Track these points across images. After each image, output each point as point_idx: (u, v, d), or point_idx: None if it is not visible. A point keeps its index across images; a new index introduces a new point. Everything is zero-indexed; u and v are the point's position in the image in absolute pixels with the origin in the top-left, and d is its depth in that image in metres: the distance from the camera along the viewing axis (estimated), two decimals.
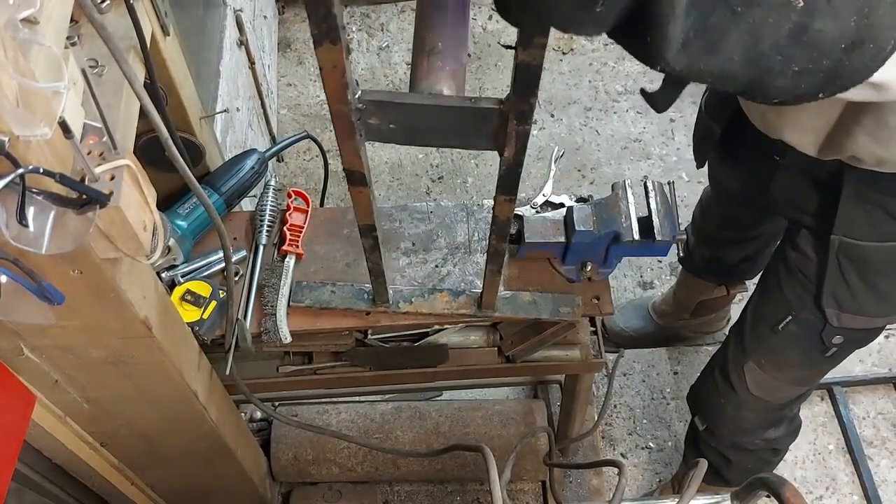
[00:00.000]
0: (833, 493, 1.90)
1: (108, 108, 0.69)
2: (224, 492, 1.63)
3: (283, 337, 1.25)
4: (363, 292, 1.27)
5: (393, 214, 1.38)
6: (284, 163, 2.42)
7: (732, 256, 1.78)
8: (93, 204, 0.64)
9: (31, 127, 0.56)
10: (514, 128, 0.78)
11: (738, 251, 1.76)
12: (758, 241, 1.71)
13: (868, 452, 1.94)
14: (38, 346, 0.91)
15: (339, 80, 0.72)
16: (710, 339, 2.12)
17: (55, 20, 0.67)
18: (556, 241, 1.28)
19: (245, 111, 1.93)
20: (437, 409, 1.78)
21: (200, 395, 1.16)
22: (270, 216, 1.34)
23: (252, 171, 1.37)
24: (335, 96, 0.75)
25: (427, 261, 1.33)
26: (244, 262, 1.31)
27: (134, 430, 1.22)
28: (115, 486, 1.36)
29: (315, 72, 2.57)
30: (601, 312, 1.32)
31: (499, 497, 1.02)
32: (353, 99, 0.76)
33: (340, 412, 1.78)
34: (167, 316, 1.00)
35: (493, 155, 0.92)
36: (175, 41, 1.13)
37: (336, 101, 0.75)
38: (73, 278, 0.76)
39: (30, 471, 1.16)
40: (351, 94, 0.75)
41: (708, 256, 1.80)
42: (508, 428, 1.74)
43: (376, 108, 0.79)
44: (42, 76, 0.59)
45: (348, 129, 0.80)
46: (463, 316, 1.28)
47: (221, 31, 1.75)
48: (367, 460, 1.75)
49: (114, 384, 1.04)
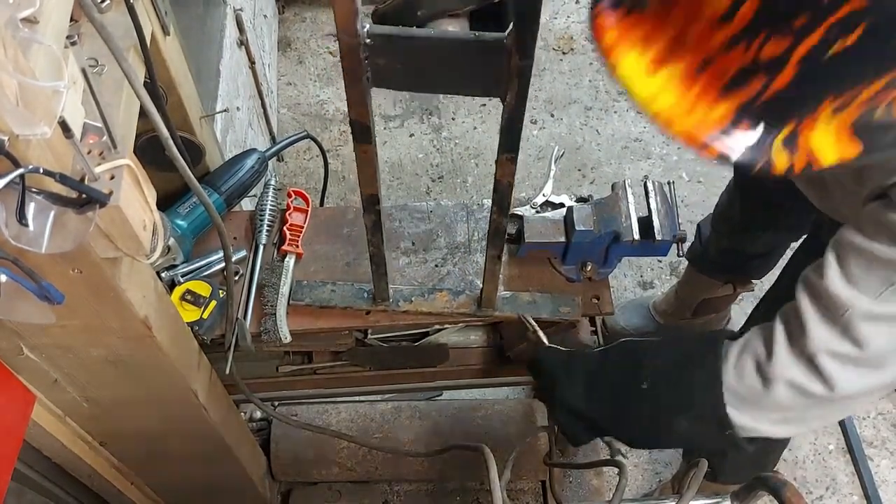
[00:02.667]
0: (833, 494, 1.90)
1: (108, 107, 0.69)
2: (224, 491, 1.63)
3: (283, 336, 1.25)
4: (363, 292, 1.27)
5: (393, 214, 1.38)
6: (284, 162, 2.42)
7: (753, 247, 1.74)
8: (93, 203, 0.63)
9: (30, 126, 0.56)
10: (517, 63, 0.77)
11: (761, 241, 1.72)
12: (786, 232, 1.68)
13: (868, 453, 1.94)
14: (38, 346, 0.91)
15: (350, 7, 0.72)
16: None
17: (55, 19, 0.67)
18: (556, 240, 1.28)
19: (245, 111, 1.93)
20: (437, 409, 1.78)
21: (200, 394, 1.16)
22: (270, 216, 1.34)
23: (252, 170, 1.37)
24: (345, 27, 0.74)
25: (427, 260, 1.33)
26: (244, 262, 1.31)
27: (134, 430, 1.22)
28: (114, 486, 1.35)
29: (315, 71, 2.57)
30: (601, 312, 1.32)
31: (499, 497, 1.02)
32: (362, 32, 0.76)
33: (340, 412, 1.77)
34: (167, 316, 1.00)
35: (492, 155, 0.92)
36: (175, 40, 1.13)
37: (346, 32, 0.75)
38: (72, 278, 0.76)
39: (29, 470, 1.16)
40: (360, 27, 0.75)
41: (726, 247, 1.76)
42: (508, 428, 1.74)
43: (384, 43, 0.79)
44: (42, 75, 0.58)
45: (356, 68, 0.80)
46: (463, 315, 1.28)
47: (221, 31, 1.75)
48: (366, 460, 1.75)
49: (114, 384, 1.04)
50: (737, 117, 0.58)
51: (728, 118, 0.58)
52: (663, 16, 0.58)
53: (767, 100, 0.56)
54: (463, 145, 2.45)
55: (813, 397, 0.94)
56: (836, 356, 0.92)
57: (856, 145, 0.59)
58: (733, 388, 0.97)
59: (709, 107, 0.58)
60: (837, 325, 0.91)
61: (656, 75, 0.58)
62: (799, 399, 0.95)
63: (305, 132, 1.50)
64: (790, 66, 0.54)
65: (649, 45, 0.59)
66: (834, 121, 0.58)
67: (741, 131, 0.58)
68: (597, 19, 0.63)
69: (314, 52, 2.61)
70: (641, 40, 0.60)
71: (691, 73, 0.58)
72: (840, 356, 0.91)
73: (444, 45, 0.80)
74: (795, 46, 0.53)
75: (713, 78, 0.57)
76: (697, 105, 0.58)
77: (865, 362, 0.92)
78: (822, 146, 0.59)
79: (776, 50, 0.53)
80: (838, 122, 0.58)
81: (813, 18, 0.51)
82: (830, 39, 0.52)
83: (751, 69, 0.55)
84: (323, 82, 2.56)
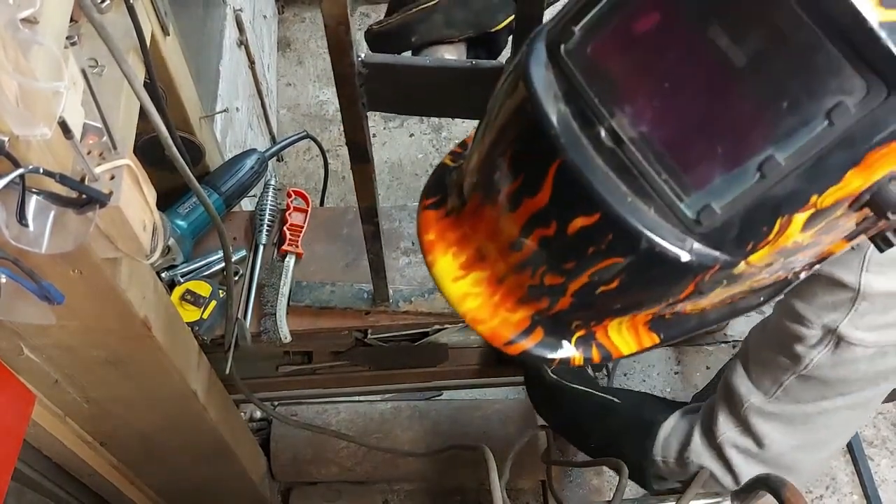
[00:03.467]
0: (833, 493, 1.89)
1: (108, 107, 0.69)
2: (223, 491, 1.63)
3: (283, 336, 1.25)
4: (363, 292, 1.27)
5: (393, 214, 1.38)
6: (284, 162, 2.42)
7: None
8: (93, 204, 0.64)
9: (30, 127, 0.56)
10: None
11: None
12: None
13: (868, 452, 1.93)
14: (38, 346, 0.91)
15: (343, 39, 0.72)
16: (710, 339, 2.12)
17: (55, 20, 0.67)
18: None
19: (245, 111, 1.93)
20: (436, 409, 1.78)
21: (200, 394, 1.16)
22: (270, 216, 1.34)
23: (252, 170, 1.36)
24: (339, 56, 0.75)
25: None
26: (244, 262, 1.31)
27: (134, 430, 1.22)
28: (114, 486, 1.35)
29: (315, 72, 2.57)
30: None
31: (499, 497, 1.02)
32: (356, 62, 0.76)
33: (340, 412, 1.77)
34: (167, 316, 1.00)
35: None
36: (175, 41, 1.13)
37: (339, 62, 0.75)
38: (72, 278, 0.76)
39: (29, 470, 1.16)
40: (354, 56, 0.75)
41: None
42: (508, 427, 1.74)
43: (378, 72, 0.79)
44: (42, 76, 0.58)
45: (351, 94, 0.80)
46: None
47: (221, 31, 1.75)
48: (366, 460, 1.75)
49: (113, 384, 1.04)
50: (532, 323, 0.65)
51: (525, 323, 0.65)
52: (473, 225, 0.64)
53: (555, 314, 0.63)
54: None
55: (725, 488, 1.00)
56: (739, 450, 0.97)
57: (653, 337, 0.66)
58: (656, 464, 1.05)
59: (508, 312, 0.65)
60: (738, 419, 0.96)
61: (466, 279, 0.65)
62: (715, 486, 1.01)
63: (305, 132, 1.50)
64: (567, 296, 0.60)
65: (462, 250, 0.65)
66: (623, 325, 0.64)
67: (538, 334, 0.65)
68: (420, 215, 0.68)
69: (314, 52, 2.61)
70: (455, 243, 0.66)
71: (493, 282, 0.64)
72: (743, 450, 0.97)
73: (440, 73, 0.80)
74: (568, 283, 0.59)
75: (510, 289, 0.64)
76: (499, 310, 0.65)
77: (768, 461, 0.96)
78: (619, 343, 0.66)
79: (554, 281, 0.59)
80: (629, 325, 0.65)
81: (578, 265, 0.57)
82: (595, 283, 0.57)
83: (538, 290, 0.61)
84: (322, 83, 2.56)
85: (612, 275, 0.56)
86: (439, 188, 0.70)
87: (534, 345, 0.65)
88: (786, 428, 0.94)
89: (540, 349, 0.65)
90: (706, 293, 0.58)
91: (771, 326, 0.92)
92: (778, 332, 0.90)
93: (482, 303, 0.65)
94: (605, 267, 0.55)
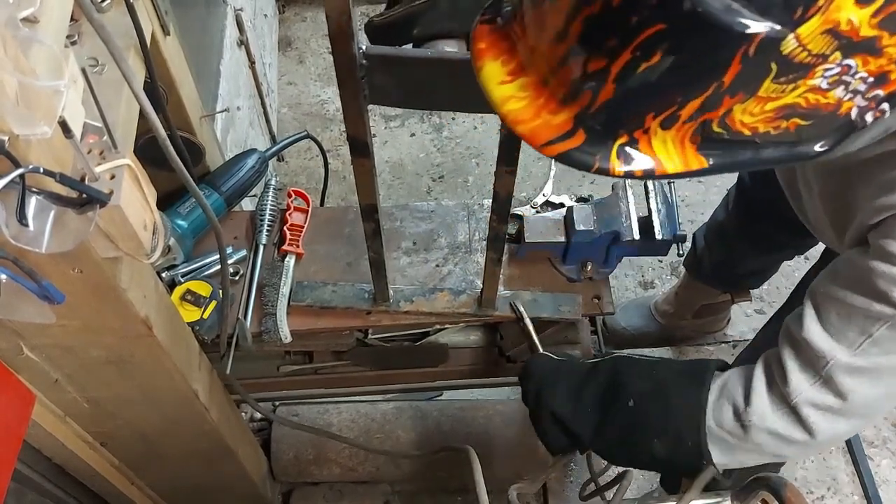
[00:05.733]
0: (834, 493, 1.89)
1: (108, 107, 0.69)
2: (224, 492, 1.63)
3: (284, 336, 1.25)
4: (364, 292, 1.27)
5: (394, 213, 1.38)
6: (285, 162, 2.42)
7: (744, 267, 1.76)
8: (93, 203, 0.63)
9: (31, 126, 0.56)
10: None
11: (753, 262, 1.74)
12: (778, 255, 1.70)
13: (869, 452, 1.93)
14: (38, 346, 0.91)
15: (345, 29, 0.72)
16: (711, 339, 2.12)
17: (55, 19, 0.67)
18: (556, 240, 1.28)
19: (245, 110, 1.93)
20: (438, 409, 1.78)
21: (201, 394, 1.16)
22: (271, 216, 1.34)
23: (252, 170, 1.36)
24: (340, 47, 0.74)
25: (428, 260, 1.33)
26: (244, 262, 1.31)
27: (134, 430, 1.21)
28: (115, 486, 1.35)
29: (316, 71, 2.57)
30: (602, 312, 1.32)
31: (484, 499, 1.03)
32: (357, 54, 0.76)
33: (341, 412, 1.77)
34: (167, 315, 1.00)
35: (493, 154, 0.92)
36: (175, 40, 1.13)
37: (341, 53, 0.75)
38: (73, 277, 0.76)
39: (29, 470, 1.15)
40: (356, 47, 0.75)
41: (718, 261, 1.77)
42: (510, 428, 1.74)
43: (380, 64, 0.79)
44: (42, 75, 0.58)
45: (352, 86, 0.80)
46: (463, 315, 1.28)
47: (222, 31, 1.75)
48: (368, 460, 1.75)
49: (114, 384, 1.04)
50: (574, 126, 0.64)
51: (567, 126, 0.65)
52: (521, 33, 0.66)
53: (597, 111, 0.63)
54: (464, 145, 2.45)
55: (794, 444, 0.96)
56: (818, 407, 0.93)
57: (700, 160, 0.64)
58: (712, 430, 0.99)
59: (550, 114, 0.65)
60: (819, 376, 0.92)
61: (512, 84, 0.66)
62: (778, 444, 0.97)
63: (306, 132, 1.50)
64: (609, 82, 0.60)
65: (511, 58, 0.67)
66: (668, 134, 0.63)
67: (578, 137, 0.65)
68: (475, 29, 0.69)
69: (314, 51, 2.61)
70: (506, 52, 0.67)
71: (539, 85, 0.65)
72: (822, 407, 0.93)
73: (442, 65, 0.80)
74: (610, 65, 0.59)
75: (554, 91, 0.64)
76: (541, 112, 0.65)
77: (848, 412, 0.93)
78: (664, 156, 0.64)
79: (597, 66, 0.60)
80: (673, 136, 0.63)
81: (621, 41, 0.57)
82: (637, 59, 0.58)
83: (581, 82, 0.62)
84: (323, 82, 2.56)
85: (654, 46, 0.56)
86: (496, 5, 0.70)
87: (573, 147, 0.64)
88: (873, 381, 0.90)
89: (579, 153, 0.64)
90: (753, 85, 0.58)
91: (854, 274, 0.88)
92: (865, 278, 0.85)
93: (526, 105, 0.65)
94: (648, 37, 0.56)
